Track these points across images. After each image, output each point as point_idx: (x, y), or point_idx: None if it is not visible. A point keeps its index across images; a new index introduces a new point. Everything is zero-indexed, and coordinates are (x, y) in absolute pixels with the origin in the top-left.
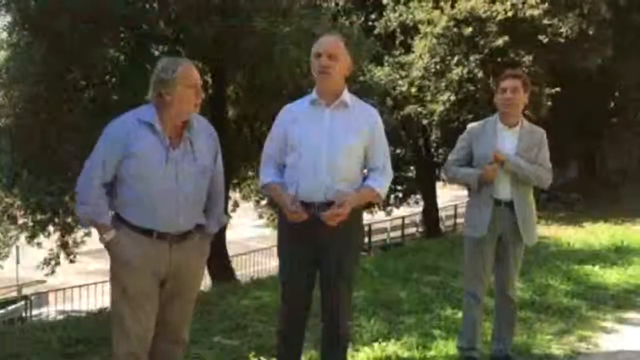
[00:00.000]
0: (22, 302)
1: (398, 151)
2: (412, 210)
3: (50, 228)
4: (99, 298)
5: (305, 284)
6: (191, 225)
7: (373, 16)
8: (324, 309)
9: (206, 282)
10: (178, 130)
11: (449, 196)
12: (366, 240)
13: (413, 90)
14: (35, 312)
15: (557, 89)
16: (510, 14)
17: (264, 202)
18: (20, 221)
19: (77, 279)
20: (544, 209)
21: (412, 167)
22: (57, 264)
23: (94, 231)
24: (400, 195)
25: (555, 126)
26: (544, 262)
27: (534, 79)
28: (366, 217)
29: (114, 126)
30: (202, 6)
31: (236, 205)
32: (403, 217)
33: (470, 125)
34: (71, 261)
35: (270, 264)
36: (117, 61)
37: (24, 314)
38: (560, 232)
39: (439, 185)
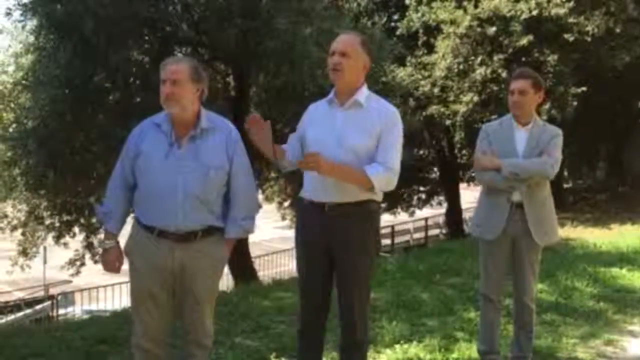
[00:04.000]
0: (49, 302)
1: (421, 152)
2: (435, 211)
3: (76, 229)
4: (124, 298)
5: (320, 281)
6: (195, 225)
7: (395, 17)
8: (341, 310)
9: (228, 283)
10: (187, 127)
11: (472, 197)
12: (389, 241)
13: (436, 90)
14: (61, 311)
15: (583, 88)
16: (535, 12)
17: (286, 204)
18: (47, 222)
19: (103, 279)
20: (571, 211)
21: (435, 168)
22: (82, 264)
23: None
24: (424, 196)
25: (581, 126)
26: (569, 264)
27: (560, 78)
28: (389, 219)
29: (133, 131)
30: (224, 8)
31: (259, 206)
32: (426, 219)
33: (485, 125)
34: (96, 262)
35: (292, 265)
36: (141, 63)
37: (50, 314)
38: (586, 233)
39: (462, 186)
